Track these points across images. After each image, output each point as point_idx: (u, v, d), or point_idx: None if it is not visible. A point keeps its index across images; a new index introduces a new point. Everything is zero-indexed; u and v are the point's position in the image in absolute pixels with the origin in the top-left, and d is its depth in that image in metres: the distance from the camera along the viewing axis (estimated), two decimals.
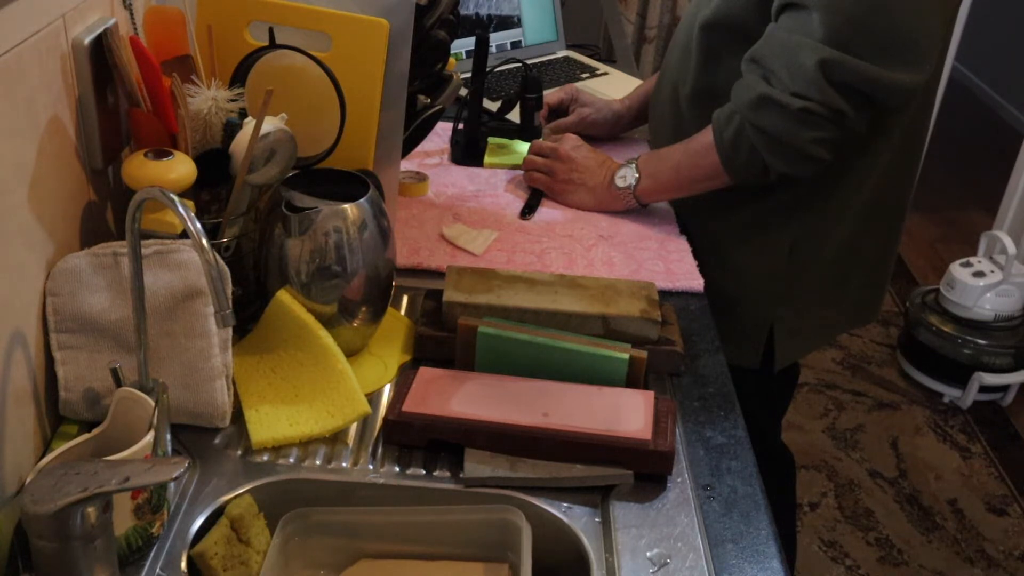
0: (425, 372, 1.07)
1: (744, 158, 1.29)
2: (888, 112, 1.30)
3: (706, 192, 1.39)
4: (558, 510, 0.94)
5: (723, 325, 1.28)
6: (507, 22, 2.02)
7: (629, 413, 1.00)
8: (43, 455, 0.94)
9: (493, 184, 1.56)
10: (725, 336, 1.25)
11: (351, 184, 1.09)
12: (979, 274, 2.76)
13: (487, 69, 1.61)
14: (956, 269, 2.80)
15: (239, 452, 0.98)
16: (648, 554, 0.90)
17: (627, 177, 1.44)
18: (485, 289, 1.15)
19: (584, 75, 1.99)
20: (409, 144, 1.34)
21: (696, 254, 1.41)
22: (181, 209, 0.82)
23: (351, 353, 1.11)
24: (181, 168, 0.98)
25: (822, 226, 1.40)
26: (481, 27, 1.98)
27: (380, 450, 1.00)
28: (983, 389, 2.79)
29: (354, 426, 1.03)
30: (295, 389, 1.04)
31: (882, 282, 1.56)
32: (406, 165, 1.54)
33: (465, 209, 1.47)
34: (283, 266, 1.06)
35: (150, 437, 0.83)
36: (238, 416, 1.02)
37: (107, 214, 1.11)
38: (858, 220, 1.42)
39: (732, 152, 1.30)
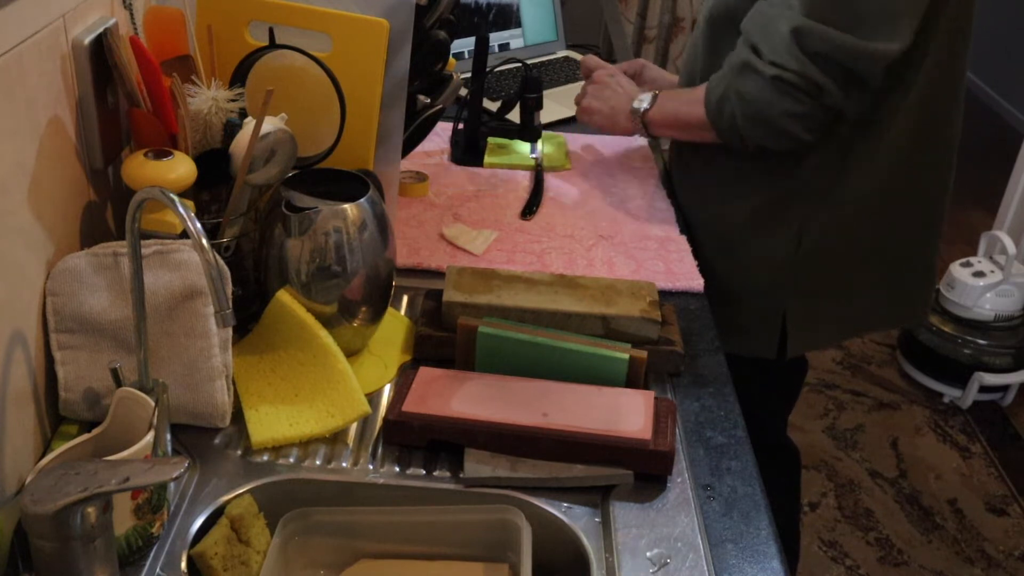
0: (425, 372, 1.07)
1: (726, 122, 1.32)
2: (884, 95, 1.30)
3: (712, 180, 1.43)
4: (558, 510, 0.94)
5: (735, 315, 1.28)
6: (506, 12, 2.01)
7: (629, 413, 1.00)
8: (43, 455, 0.94)
9: (493, 184, 1.56)
10: (737, 326, 1.26)
11: (351, 184, 1.09)
12: (979, 274, 2.76)
13: (487, 69, 1.61)
14: (956, 269, 2.80)
15: (239, 452, 0.98)
16: (648, 554, 0.90)
17: (644, 101, 1.48)
18: (485, 289, 1.15)
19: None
20: (409, 144, 1.34)
21: (704, 244, 1.43)
22: (181, 209, 0.82)
23: (351, 353, 1.11)
24: (181, 168, 0.98)
25: (829, 217, 1.40)
26: (480, 16, 1.97)
27: (380, 450, 1.00)
28: (983, 389, 2.79)
29: (354, 426, 1.03)
30: (295, 389, 1.04)
31: (920, 284, 1.54)
32: (406, 165, 1.54)
33: (465, 209, 1.47)
34: (283, 266, 1.06)
35: (150, 437, 0.83)
36: (238, 416, 1.02)
37: (107, 214, 1.11)
38: (875, 215, 1.41)
39: (717, 113, 1.33)
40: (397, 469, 0.98)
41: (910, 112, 1.35)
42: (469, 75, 1.61)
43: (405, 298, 1.26)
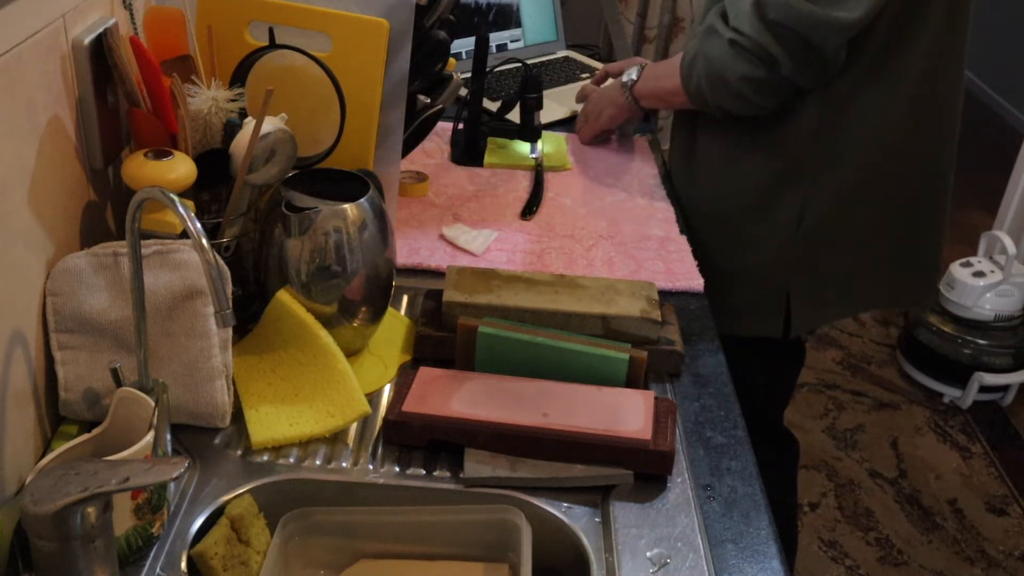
0: (425, 372, 1.07)
1: (694, 85, 1.37)
2: (882, 68, 1.31)
3: (711, 164, 1.46)
4: (558, 510, 0.94)
5: (739, 296, 1.29)
6: (506, 12, 2.01)
7: (629, 413, 1.00)
8: (43, 455, 0.94)
9: (493, 184, 1.56)
10: (743, 307, 1.27)
11: (351, 184, 1.09)
12: (979, 274, 2.76)
13: (487, 69, 1.61)
14: (956, 269, 2.80)
15: (239, 452, 0.98)
16: (648, 554, 0.90)
17: (632, 74, 1.55)
18: (485, 289, 1.15)
19: (584, 75, 1.99)
20: (409, 144, 1.34)
21: (706, 228, 1.45)
22: (181, 209, 0.82)
23: (351, 353, 1.11)
24: (181, 168, 0.98)
25: (829, 193, 1.41)
26: (480, 16, 1.97)
27: (380, 450, 1.00)
28: (983, 389, 2.79)
29: (354, 426, 1.03)
30: (295, 389, 1.04)
31: (922, 266, 1.54)
32: (406, 165, 1.54)
33: (465, 209, 1.47)
34: (283, 266, 1.06)
35: (150, 437, 0.83)
36: (238, 416, 1.02)
37: (107, 214, 1.11)
38: (876, 192, 1.42)
39: (687, 75, 1.38)
40: (397, 469, 0.98)
41: (909, 88, 1.36)
42: (469, 75, 1.61)
43: (405, 298, 1.26)
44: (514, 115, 1.68)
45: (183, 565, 0.86)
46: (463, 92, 1.56)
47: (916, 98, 1.37)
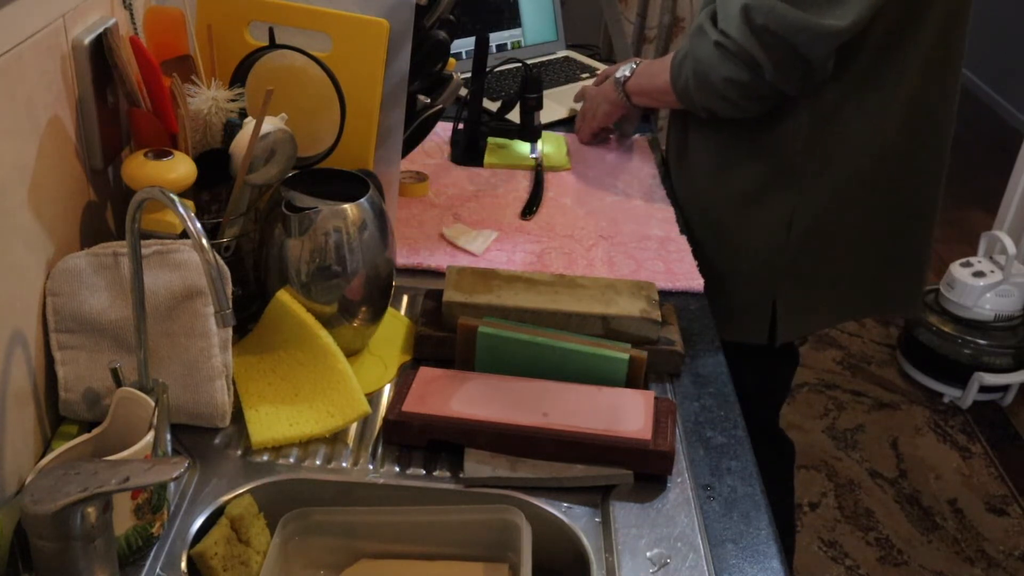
0: (425, 372, 1.07)
1: (681, 83, 1.37)
2: (876, 74, 1.31)
3: (704, 165, 1.46)
4: (558, 510, 0.94)
5: (726, 300, 1.29)
6: (506, 12, 2.01)
7: (629, 413, 1.00)
8: (43, 455, 0.94)
9: (493, 184, 1.56)
10: (729, 312, 1.27)
11: (351, 184, 1.09)
12: (979, 274, 2.77)
13: (487, 69, 1.61)
14: (956, 269, 2.81)
15: (239, 452, 0.98)
16: (648, 554, 0.90)
17: (625, 70, 1.57)
18: (485, 289, 1.15)
19: (584, 75, 1.99)
20: (409, 144, 1.34)
21: (697, 231, 1.44)
22: (181, 209, 0.82)
23: (351, 353, 1.11)
24: (181, 168, 0.98)
25: (819, 201, 1.41)
26: (480, 16, 1.97)
27: (380, 450, 1.00)
28: (983, 389, 2.79)
29: (354, 426, 1.03)
30: (295, 389, 1.04)
31: (910, 273, 1.54)
32: (406, 165, 1.54)
33: (465, 209, 1.47)
34: (283, 266, 1.06)
35: (150, 437, 0.83)
36: (238, 416, 1.02)
37: (107, 214, 1.11)
38: (866, 199, 1.42)
39: (677, 73, 1.38)
40: (397, 469, 0.98)
41: (904, 94, 1.35)
42: (469, 75, 1.61)
43: (405, 298, 1.26)
44: (514, 115, 1.68)
45: (183, 565, 0.86)
46: (463, 92, 1.56)
47: (910, 104, 1.36)
